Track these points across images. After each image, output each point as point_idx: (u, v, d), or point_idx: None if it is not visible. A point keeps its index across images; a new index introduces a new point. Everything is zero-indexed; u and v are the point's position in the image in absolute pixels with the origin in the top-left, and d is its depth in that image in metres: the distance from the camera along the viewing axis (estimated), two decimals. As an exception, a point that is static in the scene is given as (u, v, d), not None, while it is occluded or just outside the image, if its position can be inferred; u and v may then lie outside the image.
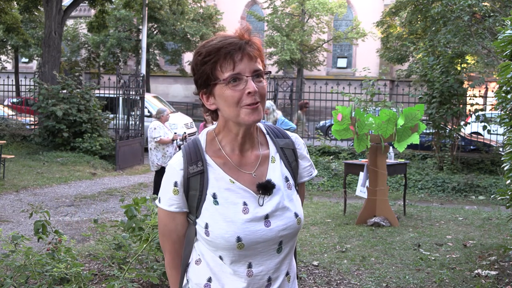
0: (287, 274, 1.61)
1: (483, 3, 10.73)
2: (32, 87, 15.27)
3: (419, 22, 16.99)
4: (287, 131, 1.72)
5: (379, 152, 7.26)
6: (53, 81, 14.27)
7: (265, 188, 1.55)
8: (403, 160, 9.36)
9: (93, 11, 21.96)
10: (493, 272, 4.94)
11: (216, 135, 1.62)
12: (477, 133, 12.92)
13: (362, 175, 7.62)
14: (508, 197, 5.23)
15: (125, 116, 13.77)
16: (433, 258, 5.58)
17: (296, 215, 1.58)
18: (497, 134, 11.37)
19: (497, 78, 6.19)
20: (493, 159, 11.39)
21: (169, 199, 1.58)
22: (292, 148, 1.68)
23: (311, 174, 1.72)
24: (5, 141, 12.43)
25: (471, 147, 12.54)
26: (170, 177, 1.58)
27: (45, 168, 11.79)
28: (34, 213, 4.20)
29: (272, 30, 26.41)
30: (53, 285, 3.93)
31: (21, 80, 21.52)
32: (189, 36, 26.05)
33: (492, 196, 9.48)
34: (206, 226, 1.53)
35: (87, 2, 17.39)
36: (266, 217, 1.53)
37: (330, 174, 11.41)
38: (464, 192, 10.32)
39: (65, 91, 13.94)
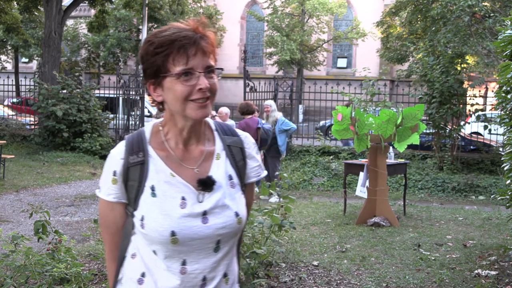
0: (225, 275, 1.56)
1: (483, 3, 10.74)
2: (32, 87, 15.28)
3: (419, 22, 16.99)
4: (238, 130, 1.68)
5: (379, 152, 7.26)
6: (53, 81, 14.28)
7: (205, 184, 1.51)
8: (403, 160, 9.36)
9: (93, 11, 21.96)
10: (493, 272, 4.94)
11: (162, 127, 1.58)
12: (477, 133, 12.92)
13: (362, 175, 7.63)
14: (508, 197, 5.23)
15: (125, 116, 13.78)
16: (433, 258, 5.58)
17: (237, 214, 1.53)
18: (497, 134, 11.37)
19: (497, 78, 6.20)
20: (493, 159, 11.39)
21: (108, 189, 1.54)
22: (240, 146, 1.63)
23: (259, 175, 1.67)
24: (5, 141, 12.43)
25: (471, 147, 12.54)
26: (109, 166, 1.55)
27: (45, 168, 11.79)
28: (34, 213, 4.20)
29: (272, 30, 26.42)
30: (53, 285, 3.93)
31: (21, 80, 21.53)
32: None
33: (492, 196, 9.47)
34: (142, 219, 1.49)
35: (87, 2, 17.40)
36: (204, 213, 1.49)
37: (330, 174, 11.41)
38: (464, 192, 10.32)
39: (65, 91, 13.94)
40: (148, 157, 1.53)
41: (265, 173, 1.72)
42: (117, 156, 1.55)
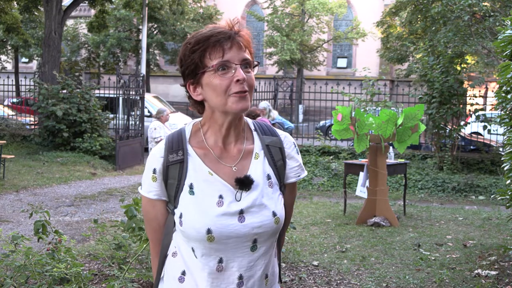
0: (266, 276, 1.57)
1: (483, 3, 10.74)
2: (32, 87, 15.27)
3: (419, 22, 16.97)
4: (278, 130, 1.69)
5: (379, 152, 7.26)
6: (53, 81, 14.27)
7: (243, 183, 1.52)
8: (403, 160, 9.36)
9: (93, 11, 21.96)
10: (493, 272, 4.94)
11: (201, 126, 1.60)
12: (477, 133, 12.92)
13: (362, 175, 7.63)
14: (508, 197, 5.23)
15: (125, 116, 13.77)
16: (433, 258, 5.58)
17: (274, 214, 1.54)
18: (497, 134, 11.37)
19: (497, 78, 6.19)
20: (493, 159, 11.39)
21: (148, 186, 1.58)
22: (279, 146, 1.64)
23: (299, 176, 1.68)
24: (5, 141, 12.43)
25: (471, 147, 12.53)
26: (150, 164, 1.58)
27: (45, 168, 11.79)
28: (34, 213, 4.20)
29: (272, 30, 26.41)
30: (53, 285, 3.93)
31: (21, 80, 21.52)
32: (189, 36, 26.05)
33: (492, 196, 9.48)
34: (181, 216, 1.52)
35: (87, 2, 17.39)
36: (241, 212, 1.50)
37: (330, 174, 11.41)
38: (464, 192, 10.32)
39: (65, 91, 13.94)
40: (187, 155, 1.55)
41: (305, 173, 1.72)
42: (157, 154, 1.57)
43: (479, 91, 12.72)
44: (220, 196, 1.51)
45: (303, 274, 4.89)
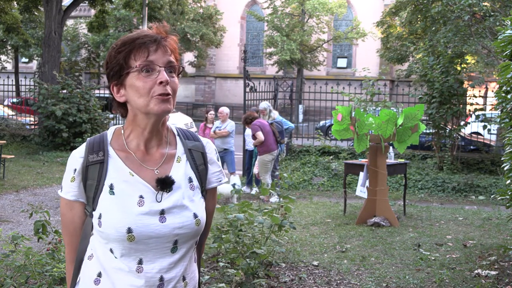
0: (184, 279, 1.56)
1: (483, 3, 10.74)
2: (32, 87, 15.28)
3: (419, 22, 16.97)
4: (200, 136, 1.71)
5: (379, 152, 7.26)
6: (53, 81, 14.28)
7: (164, 183, 1.53)
8: (403, 160, 9.36)
9: (93, 11, 21.96)
10: (493, 272, 4.94)
11: (124, 130, 1.61)
12: (477, 133, 12.91)
13: (362, 175, 7.63)
14: (508, 197, 5.23)
15: (125, 116, 13.76)
16: (433, 258, 5.58)
17: (195, 215, 1.55)
18: (497, 134, 11.37)
19: (497, 78, 6.20)
20: (493, 159, 11.39)
21: (67, 187, 1.57)
22: (202, 151, 1.66)
23: (221, 180, 1.70)
24: (5, 141, 12.43)
25: (471, 147, 12.53)
26: (70, 165, 1.58)
27: (45, 168, 11.79)
28: (34, 213, 4.20)
29: (272, 30, 26.41)
30: (53, 285, 3.93)
31: (21, 80, 21.53)
32: (189, 36, 26.05)
33: (492, 196, 9.47)
34: (100, 217, 1.51)
35: (87, 2, 17.40)
36: (162, 212, 1.51)
37: (330, 174, 11.41)
38: (464, 192, 10.31)
39: (65, 91, 13.95)
40: (107, 156, 1.56)
41: (226, 179, 1.74)
42: (77, 155, 1.57)
43: (479, 91, 12.71)
44: (141, 196, 1.52)
45: (303, 274, 4.89)
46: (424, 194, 10.37)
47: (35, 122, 15.09)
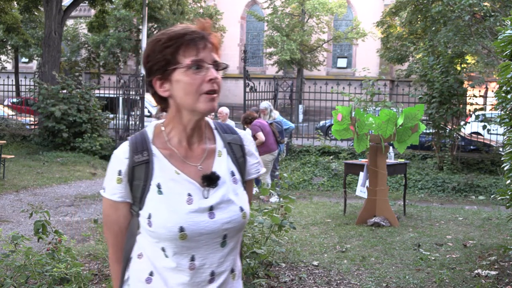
0: (232, 271, 1.59)
1: (483, 3, 10.74)
2: (32, 87, 15.28)
3: (419, 22, 16.99)
4: (236, 128, 1.72)
5: (379, 152, 7.26)
6: (53, 81, 14.27)
7: (210, 180, 1.54)
8: (403, 160, 9.36)
9: (93, 11, 21.96)
10: (493, 272, 4.94)
11: (164, 127, 1.61)
12: (477, 133, 12.92)
13: (362, 175, 7.62)
14: (508, 197, 5.23)
15: (125, 116, 13.77)
16: (433, 258, 5.58)
17: (242, 209, 1.57)
18: (497, 134, 11.38)
19: (497, 78, 6.20)
20: (493, 159, 11.39)
21: (112, 188, 1.56)
22: (240, 144, 1.67)
23: (259, 171, 1.71)
24: (5, 141, 12.43)
25: (471, 147, 12.53)
26: (114, 166, 1.56)
27: (45, 168, 11.79)
28: (34, 213, 4.19)
29: (272, 30, 26.42)
30: (53, 285, 3.93)
31: (21, 80, 21.53)
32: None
33: (492, 196, 9.47)
34: (149, 217, 1.51)
35: (87, 2, 17.40)
36: (211, 208, 1.52)
37: (330, 174, 11.41)
38: (464, 192, 10.32)
39: (65, 91, 13.94)
40: (152, 156, 1.55)
41: (264, 170, 1.75)
42: (121, 155, 1.56)
43: (479, 91, 12.72)
44: (189, 194, 1.52)
45: (303, 274, 4.89)
46: (424, 194, 10.37)
47: (35, 122, 15.09)
